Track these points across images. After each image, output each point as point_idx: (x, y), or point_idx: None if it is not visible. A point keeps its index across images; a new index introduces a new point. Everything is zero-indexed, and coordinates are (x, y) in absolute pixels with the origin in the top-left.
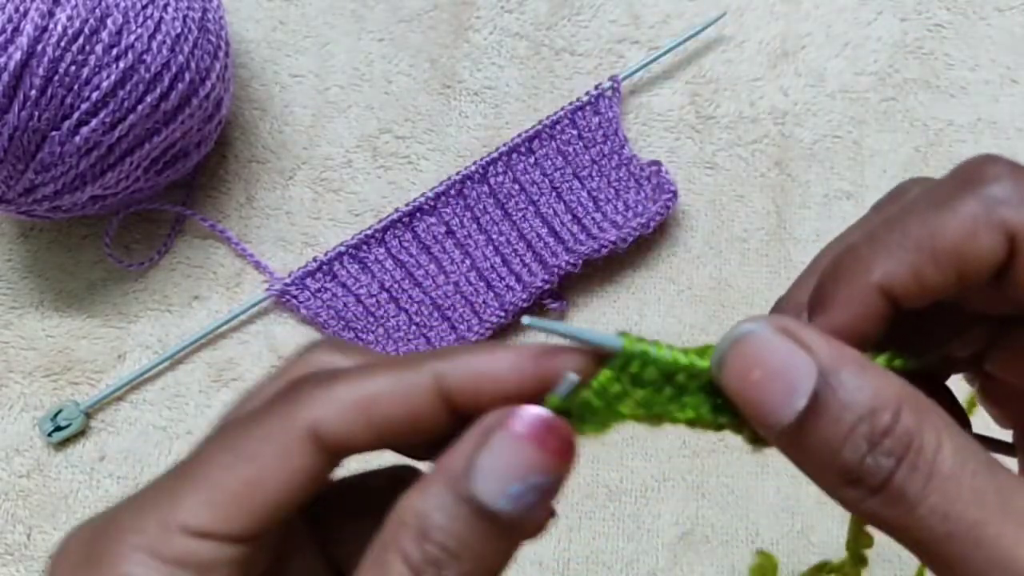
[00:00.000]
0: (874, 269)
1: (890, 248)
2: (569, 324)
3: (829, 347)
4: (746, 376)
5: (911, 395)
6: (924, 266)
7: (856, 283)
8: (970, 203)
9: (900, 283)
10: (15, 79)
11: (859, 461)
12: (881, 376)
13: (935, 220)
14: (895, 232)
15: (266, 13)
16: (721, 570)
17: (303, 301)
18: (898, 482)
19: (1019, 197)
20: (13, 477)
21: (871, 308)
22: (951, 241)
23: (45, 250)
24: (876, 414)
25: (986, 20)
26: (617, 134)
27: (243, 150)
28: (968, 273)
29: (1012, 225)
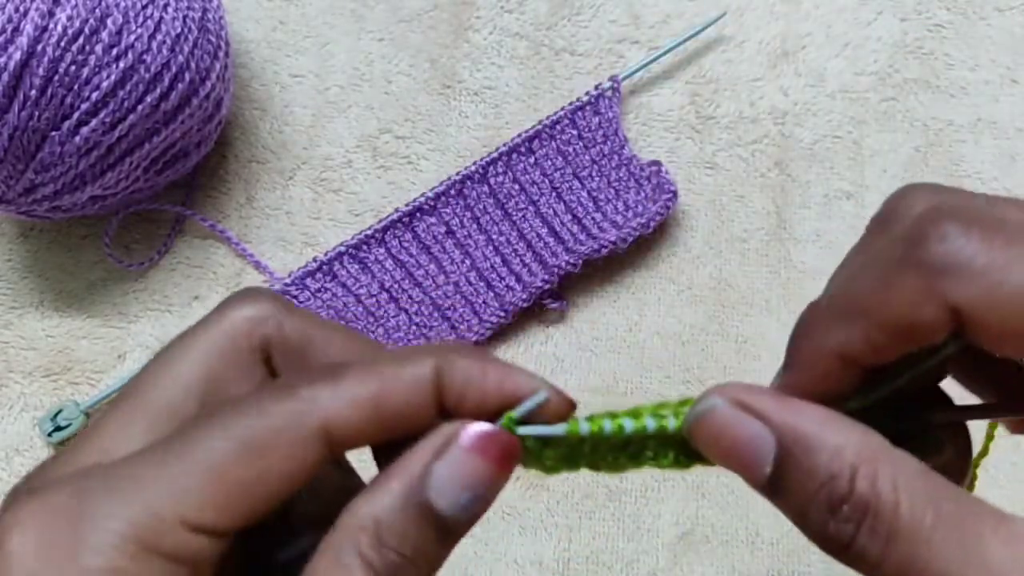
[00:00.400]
0: (830, 336)
1: (845, 315)
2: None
3: (786, 414)
4: (716, 448)
5: (870, 455)
6: (874, 335)
7: (815, 347)
8: (911, 277)
9: (855, 350)
10: (15, 79)
11: (823, 526)
12: (841, 438)
13: (883, 290)
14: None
15: (266, 13)
16: (721, 570)
17: (303, 301)
18: (859, 545)
19: (959, 265)
20: (13, 477)
21: (832, 370)
22: (895, 315)
23: (45, 250)
24: (833, 481)
25: (986, 20)
26: (617, 134)
27: (243, 150)
28: (918, 339)
29: (952, 299)
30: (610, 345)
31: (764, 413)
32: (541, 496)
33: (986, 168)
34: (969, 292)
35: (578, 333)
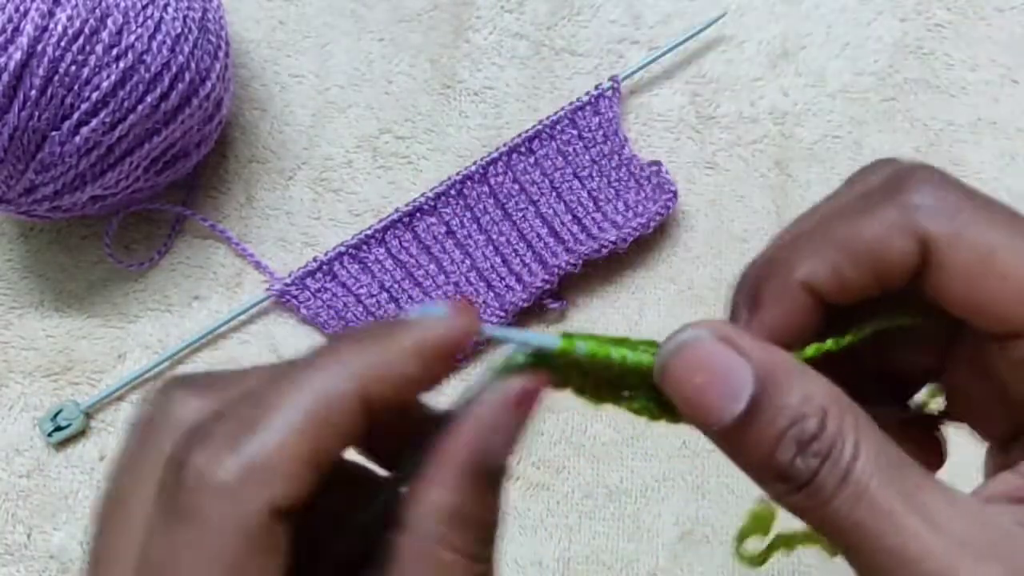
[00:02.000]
0: (797, 267)
1: (813, 247)
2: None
3: (765, 354)
4: (689, 380)
5: (836, 400)
6: (843, 266)
7: (782, 281)
8: (888, 209)
9: (821, 281)
10: (15, 79)
11: (789, 461)
12: (810, 382)
13: (855, 223)
14: (819, 232)
15: (266, 13)
16: (721, 570)
17: (303, 301)
18: (820, 479)
19: (936, 206)
20: (13, 477)
21: (798, 305)
22: (867, 243)
23: (45, 250)
24: (805, 419)
25: (986, 20)
26: (617, 134)
27: (243, 150)
28: (884, 275)
29: (924, 233)
30: None
31: (746, 349)
32: (541, 496)
33: (986, 168)
34: (943, 228)
35: None
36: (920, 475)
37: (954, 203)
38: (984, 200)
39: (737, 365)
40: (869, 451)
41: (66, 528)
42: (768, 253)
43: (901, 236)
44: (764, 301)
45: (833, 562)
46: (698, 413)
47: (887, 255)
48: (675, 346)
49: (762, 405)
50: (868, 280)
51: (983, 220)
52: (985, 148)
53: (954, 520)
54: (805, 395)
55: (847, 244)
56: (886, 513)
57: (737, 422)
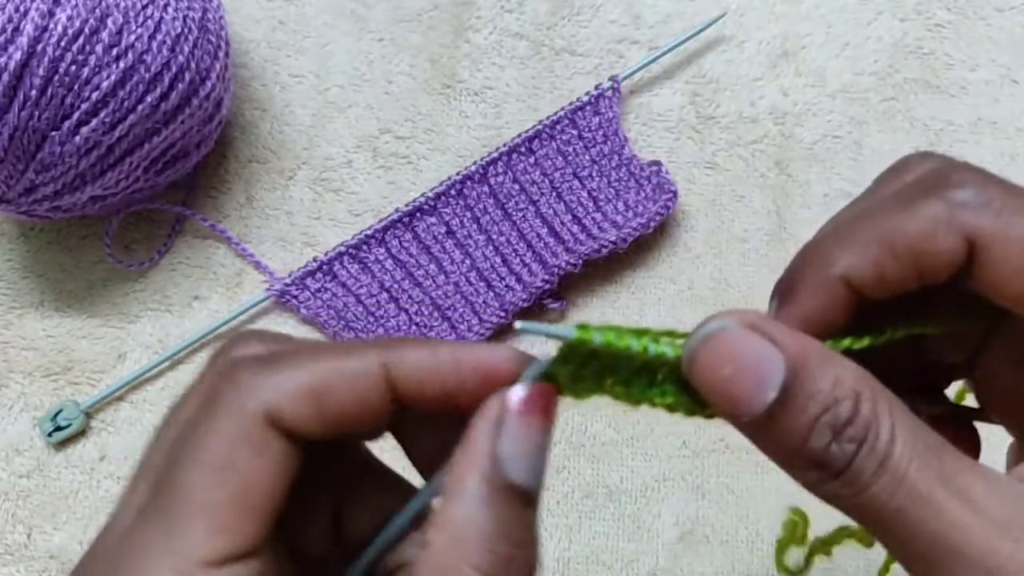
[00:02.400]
0: (837, 261)
1: (854, 242)
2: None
3: (795, 341)
4: (718, 371)
5: (869, 384)
6: (885, 261)
7: (820, 274)
8: (933, 204)
9: (861, 275)
10: (15, 79)
11: (824, 448)
12: (843, 368)
13: (898, 218)
14: (860, 227)
15: (266, 13)
16: (721, 570)
17: (303, 301)
18: (857, 465)
19: (981, 202)
20: (13, 477)
21: (835, 298)
22: (911, 239)
23: (45, 250)
24: (838, 404)
25: (986, 20)
26: (617, 134)
27: (243, 150)
28: (926, 270)
29: (971, 228)
30: None
31: (776, 337)
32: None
33: (986, 168)
34: (990, 224)
35: None
36: (957, 457)
37: (999, 199)
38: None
39: (767, 353)
40: (905, 435)
41: (66, 528)
42: (808, 247)
43: (947, 232)
44: (800, 293)
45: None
46: (729, 404)
47: (932, 251)
48: (703, 336)
49: (794, 392)
50: (910, 275)
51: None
52: (985, 148)
53: (993, 502)
54: (837, 380)
55: (890, 239)
56: (926, 498)
57: (769, 411)
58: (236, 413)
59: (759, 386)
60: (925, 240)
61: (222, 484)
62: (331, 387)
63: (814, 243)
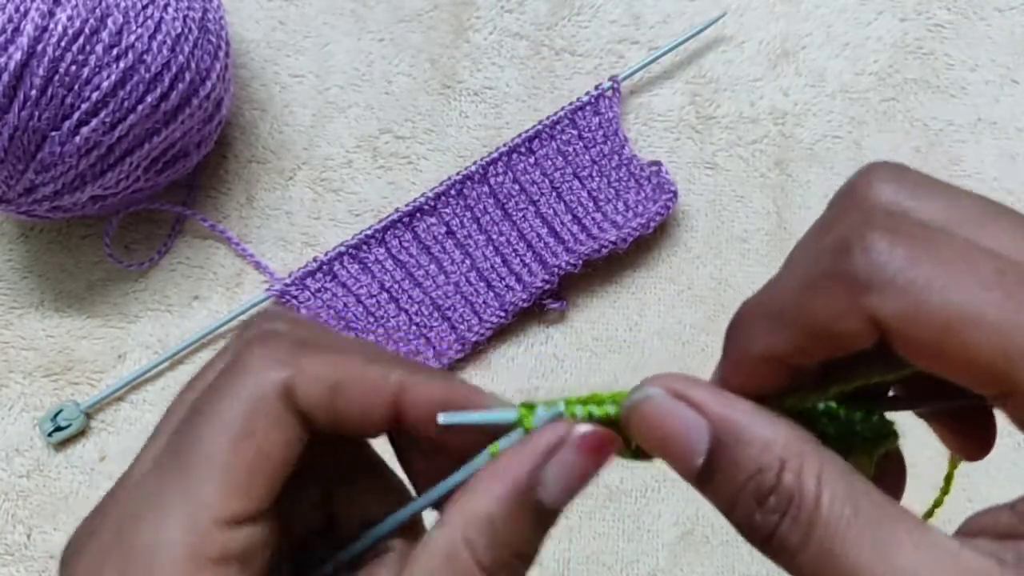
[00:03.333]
0: (756, 340)
1: (770, 318)
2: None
3: (720, 407)
4: (650, 436)
5: (797, 450)
6: (801, 341)
7: (743, 349)
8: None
9: (781, 352)
10: (15, 79)
11: (749, 516)
12: (770, 432)
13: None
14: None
15: (266, 13)
16: (721, 570)
17: (303, 301)
18: (781, 534)
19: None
20: (13, 477)
21: (760, 370)
22: (821, 323)
23: (45, 250)
24: (761, 473)
25: (986, 20)
26: (617, 134)
27: (243, 150)
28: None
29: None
30: (610, 345)
31: (699, 403)
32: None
33: (986, 168)
34: (890, 308)
35: (578, 333)
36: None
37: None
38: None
39: (691, 421)
40: (835, 499)
41: (66, 528)
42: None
43: (853, 318)
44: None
45: None
46: (669, 464)
47: (842, 336)
48: (630, 404)
49: (719, 460)
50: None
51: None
52: (985, 148)
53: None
54: (764, 446)
55: (801, 322)
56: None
57: (699, 475)
58: (258, 382)
59: (687, 452)
60: (831, 324)
61: (241, 448)
62: (348, 386)
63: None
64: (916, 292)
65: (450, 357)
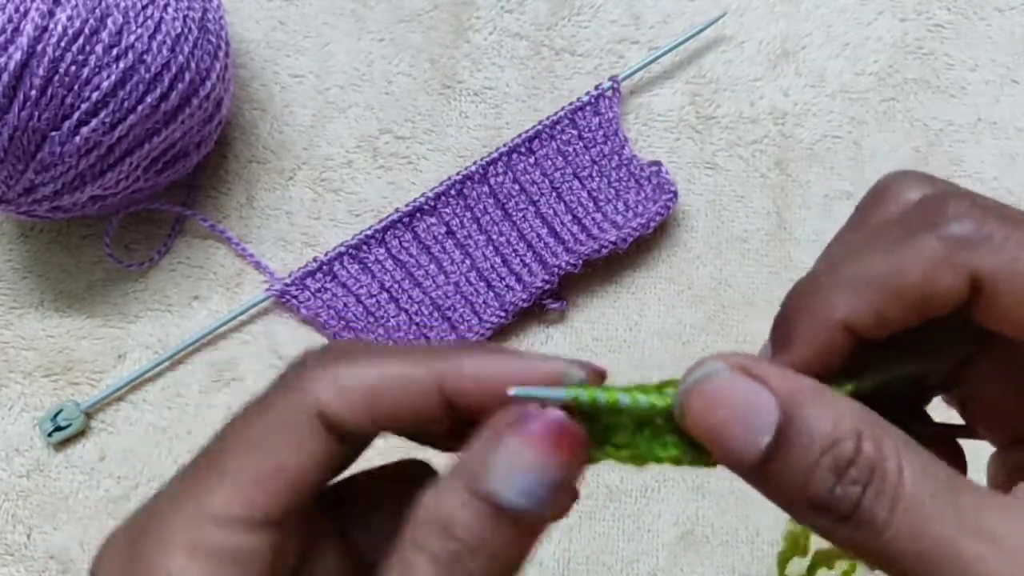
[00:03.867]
0: (837, 306)
1: (852, 284)
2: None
3: (787, 381)
4: (709, 418)
5: (870, 421)
6: (886, 305)
7: (819, 320)
8: (932, 242)
9: (862, 320)
10: (15, 79)
11: (827, 491)
12: (840, 405)
13: (897, 258)
14: (857, 267)
15: (266, 13)
16: (721, 570)
17: (303, 301)
18: (866, 508)
19: (980, 237)
20: (13, 477)
21: (834, 343)
22: (913, 281)
23: (45, 250)
24: (839, 444)
25: (986, 20)
26: (617, 134)
27: (243, 150)
28: (929, 311)
29: (974, 267)
30: (610, 345)
31: (767, 379)
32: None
33: (986, 168)
34: (992, 261)
35: (578, 333)
36: (972, 489)
37: (998, 232)
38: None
39: (758, 396)
40: (916, 473)
41: (66, 528)
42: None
43: (949, 273)
44: (798, 340)
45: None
46: (725, 452)
47: (934, 292)
48: (692, 382)
49: (790, 434)
50: (911, 316)
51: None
52: (985, 148)
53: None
54: (836, 419)
55: (890, 282)
56: (947, 540)
57: (766, 456)
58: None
59: (753, 431)
60: (926, 282)
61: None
62: (384, 390)
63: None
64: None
65: None
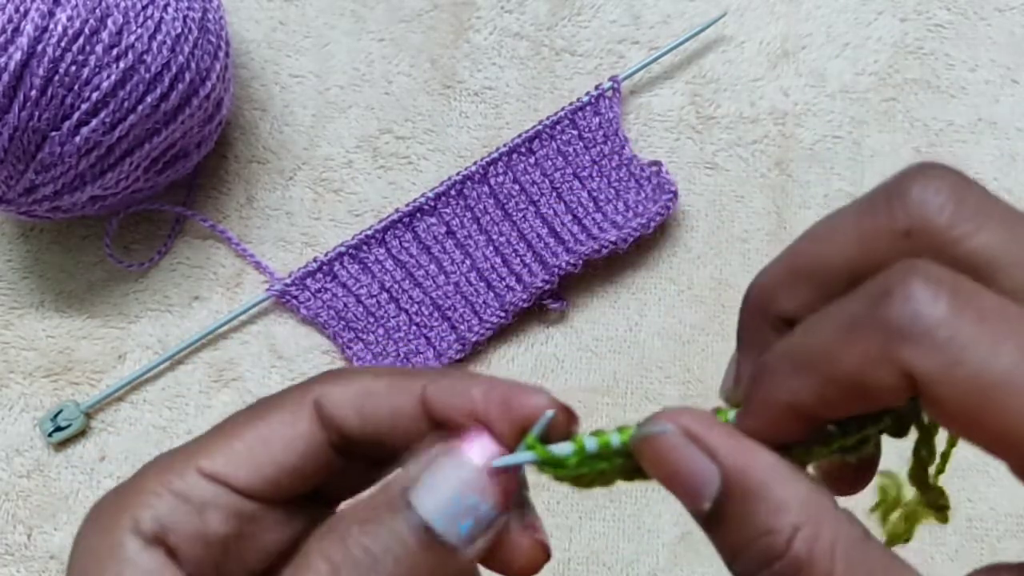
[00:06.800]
0: (782, 389)
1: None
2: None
3: (736, 456)
4: (659, 471)
5: (813, 515)
6: (828, 393)
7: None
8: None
9: (808, 405)
10: (15, 79)
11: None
12: (786, 492)
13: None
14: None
15: (266, 13)
16: (721, 570)
17: (303, 301)
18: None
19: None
20: (13, 477)
21: (786, 421)
22: (848, 374)
23: (45, 250)
24: (772, 536)
25: (986, 20)
26: (617, 134)
27: (243, 150)
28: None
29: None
30: (610, 345)
31: (714, 449)
32: (541, 496)
33: (986, 168)
34: (927, 364)
35: (578, 333)
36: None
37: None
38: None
39: (701, 466)
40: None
41: (66, 528)
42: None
43: (884, 369)
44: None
45: None
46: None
47: (871, 386)
48: (642, 436)
49: (727, 511)
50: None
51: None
52: (985, 148)
53: None
54: (778, 507)
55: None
56: None
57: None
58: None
59: (694, 496)
60: (861, 375)
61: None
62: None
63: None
64: (956, 350)
65: (450, 357)
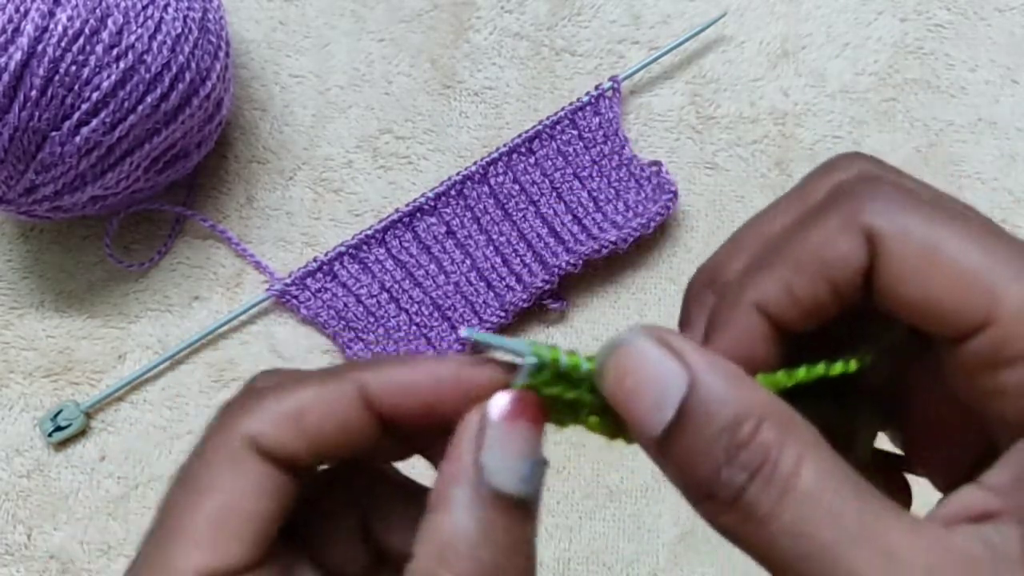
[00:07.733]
0: (748, 288)
1: (763, 266)
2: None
3: (702, 357)
4: (621, 385)
5: (778, 410)
6: (792, 278)
7: (734, 305)
8: (834, 213)
9: (774, 299)
10: (15, 79)
11: (714, 474)
12: (750, 388)
13: (802, 232)
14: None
15: (266, 13)
16: (721, 570)
17: (303, 301)
18: (750, 496)
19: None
20: (13, 477)
21: (753, 329)
22: (812, 248)
23: (45, 250)
24: (737, 426)
25: (986, 20)
26: (617, 134)
27: (243, 150)
28: (835, 281)
29: (869, 226)
30: None
31: (682, 352)
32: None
33: (986, 168)
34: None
35: (578, 333)
36: (879, 501)
37: (900, 201)
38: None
39: (670, 368)
40: (815, 469)
41: (66, 528)
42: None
43: (847, 234)
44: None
45: None
46: (632, 424)
47: (833, 256)
48: (611, 347)
49: (692, 410)
50: (821, 290)
51: (930, 216)
52: (985, 148)
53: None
54: (743, 401)
55: (795, 255)
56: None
57: (667, 432)
58: (220, 441)
59: (658, 403)
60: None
61: (201, 503)
62: (308, 410)
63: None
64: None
65: None
